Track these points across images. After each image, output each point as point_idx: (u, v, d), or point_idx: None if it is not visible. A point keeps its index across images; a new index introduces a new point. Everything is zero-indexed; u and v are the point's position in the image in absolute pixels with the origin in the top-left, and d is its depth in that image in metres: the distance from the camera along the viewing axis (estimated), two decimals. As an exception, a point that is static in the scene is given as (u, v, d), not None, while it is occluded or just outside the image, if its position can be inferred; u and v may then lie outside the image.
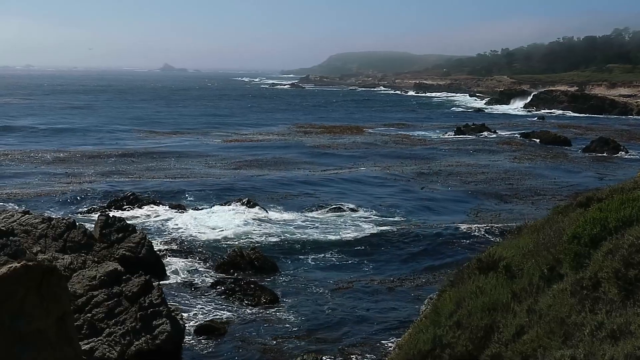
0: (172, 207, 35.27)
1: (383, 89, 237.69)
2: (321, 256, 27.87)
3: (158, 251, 26.18)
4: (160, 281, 22.61)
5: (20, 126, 77.78)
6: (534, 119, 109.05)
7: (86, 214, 33.47)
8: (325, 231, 31.40)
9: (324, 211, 35.24)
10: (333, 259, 27.63)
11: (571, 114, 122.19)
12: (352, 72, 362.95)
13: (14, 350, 9.27)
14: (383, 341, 19.13)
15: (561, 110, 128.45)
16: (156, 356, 17.09)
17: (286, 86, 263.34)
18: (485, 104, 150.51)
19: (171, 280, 24.30)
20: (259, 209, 34.33)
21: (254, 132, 79.41)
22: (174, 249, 27.73)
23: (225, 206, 34.90)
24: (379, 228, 32.39)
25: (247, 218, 33.06)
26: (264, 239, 29.57)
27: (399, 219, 34.53)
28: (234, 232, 30.73)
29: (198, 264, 26.04)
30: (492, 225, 33.29)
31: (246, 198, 35.87)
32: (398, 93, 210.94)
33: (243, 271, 25.32)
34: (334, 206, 36.04)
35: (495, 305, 8.10)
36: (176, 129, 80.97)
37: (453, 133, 79.53)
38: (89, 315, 17.67)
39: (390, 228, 32.53)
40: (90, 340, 17.01)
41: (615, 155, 62.81)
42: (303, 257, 27.66)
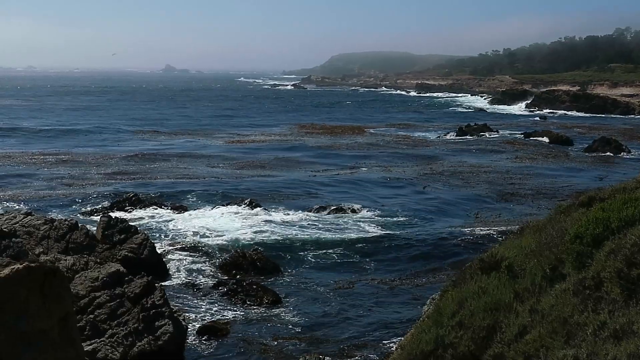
0: (175, 208, 35.27)
1: (385, 90, 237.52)
2: (323, 256, 27.88)
3: (160, 252, 26.20)
4: (162, 282, 22.65)
5: (23, 127, 77.81)
6: (536, 119, 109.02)
7: (88, 215, 33.48)
8: (327, 232, 31.41)
9: (326, 212, 35.23)
10: (335, 260, 27.63)
11: (573, 114, 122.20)
12: (354, 73, 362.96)
13: (17, 350, 9.28)
14: (385, 341, 19.14)
15: (563, 110, 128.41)
16: (158, 357, 17.11)
17: (288, 87, 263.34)
18: (487, 104, 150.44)
19: (173, 281, 24.33)
20: (261, 210, 34.35)
21: (257, 133, 79.40)
22: (176, 250, 27.73)
23: (227, 207, 34.91)
24: (381, 228, 32.42)
25: (250, 219, 33.08)
26: (266, 240, 29.57)
27: (401, 220, 34.52)
28: (236, 233, 30.74)
29: (200, 265, 26.04)
30: (494, 225, 33.30)
31: (248, 199, 35.90)
32: (400, 93, 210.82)
33: (245, 272, 25.34)
34: (336, 207, 36.03)
35: (497, 305, 8.10)
36: (178, 130, 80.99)
37: (455, 133, 79.47)
38: (92, 316, 17.69)
39: (392, 228, 32.56)
40: (92, 341, 17.03)
41: (617, 155, 62.74)
42: (305, 258, 27.67)
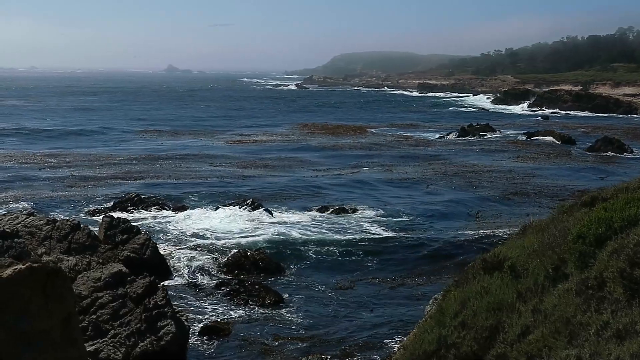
0: (177, 208, 35.29)
1: (387, 89, 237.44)
2: (325, 256, 27.86)
3: (163, 252, 26.20)
4: (164, 282, 22.67)
5: (26, 128, 77.88)
6: (538, 119, 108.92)
7: (91, 216, 33.50)
8: (329, 232, 31.40)
9: (329, 212, 35.21)
10: (337, 260, 27.61)
11: (575, 114, 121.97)
12: (356, 73, 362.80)
13: (19, 350, 9.28)
14: (387, 341, 19.14)
15: (565, 109, 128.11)
16: (161, 357, 17.11)
17: (290, 86, 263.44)
18: (489, 104, 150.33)
19: (176, 281, 24.33)
20: (264, 210, 34.31)
21: (260, 133, 79.40)
22: (179, 250, 27.73)
23: (230, 207, 34.88)
24: (383, 228, 32.41)
25: (252, 219, 33.08)
26: (269, 240, 29.55)
27: (404, 220, 34.50)
28: (239, 233, 30.76)
29: (203, 265, 26.01)
30: (497, 225, 33.29)
31: (250, 199, 35.87)
32: (402, 93, 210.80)
33: (247, 272, 25.35)
34: (338, 207, 36.02)
35: (500, 305, 8.09)
36: (181, 130, 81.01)
37: (457, 133, 79.38)
38: (94, 316, 17.70)
39: (395, 228, 32.55)
40: (95, 341, 17.03)
41: (619, 154, 62.62)
42: (307, 258, 27.66)
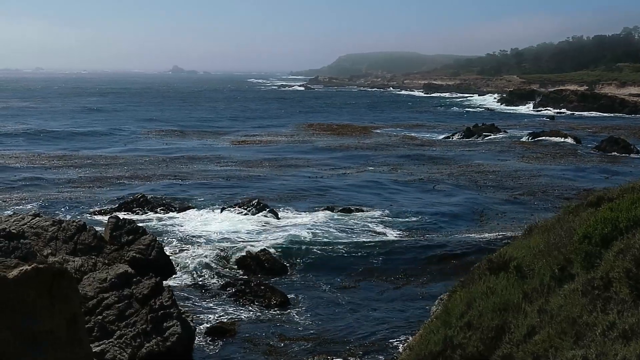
0: (182, 209, 35.33)
1: (393, 90, 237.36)
2: (331, 257, 27.81)
3: (168, 253, 26.24)
4: (170, 283, 22.72)
5: (33, 129, 78.04)
6: (544, 119, 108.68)
7: (96, 216, 33.57)
8: (335, 232, 31.35)
9: (334, 212, 35.18)
10: (343, 260, 27.56)
11: (581, 114, 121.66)
12: (361, 73, 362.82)
13: (24, 351, 9.31)
14: (392, 341, 19.13)
15: (571, 109, 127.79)
16: (167, 358, 17.13)
17: (296, 87, 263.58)
18: (494, 104, 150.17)
19: (182, 281, 24.37)
20: (269, 210, 34.31)
21: (265, 133, 79.46)
22: (184, 251, 27.75)
23: (235, 208, 34.89)
24: (390, 228, 32.38)
25: (257, 219, 33.09)
26: (274, 240, 29.54)
27: (410, 220, 34.45)
28: (244, 234, 30.77)
29: (208, 266, 26.04)
30: (502, 225, 33.23)
31: (256, 199, 35.88)
32: (408, 93, 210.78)
33: (253, 272, 25.37)
34: (344, 207, 36.00)
35: (506, 305, 8.08)
36: (188, 131, 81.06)
37: (463, 133, 79.27)
38: (100, 317, 17.74)
39: (400, 228, 32.54)
40: (101, 342, 17.06)
41: (625, 154, 62.44)
42: (312, 258, 27.63)
